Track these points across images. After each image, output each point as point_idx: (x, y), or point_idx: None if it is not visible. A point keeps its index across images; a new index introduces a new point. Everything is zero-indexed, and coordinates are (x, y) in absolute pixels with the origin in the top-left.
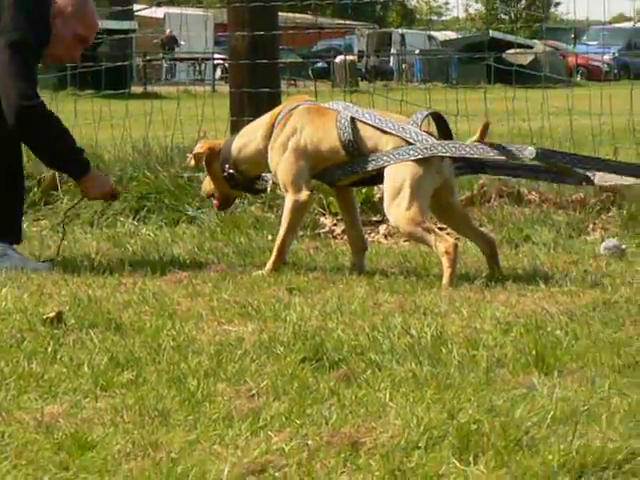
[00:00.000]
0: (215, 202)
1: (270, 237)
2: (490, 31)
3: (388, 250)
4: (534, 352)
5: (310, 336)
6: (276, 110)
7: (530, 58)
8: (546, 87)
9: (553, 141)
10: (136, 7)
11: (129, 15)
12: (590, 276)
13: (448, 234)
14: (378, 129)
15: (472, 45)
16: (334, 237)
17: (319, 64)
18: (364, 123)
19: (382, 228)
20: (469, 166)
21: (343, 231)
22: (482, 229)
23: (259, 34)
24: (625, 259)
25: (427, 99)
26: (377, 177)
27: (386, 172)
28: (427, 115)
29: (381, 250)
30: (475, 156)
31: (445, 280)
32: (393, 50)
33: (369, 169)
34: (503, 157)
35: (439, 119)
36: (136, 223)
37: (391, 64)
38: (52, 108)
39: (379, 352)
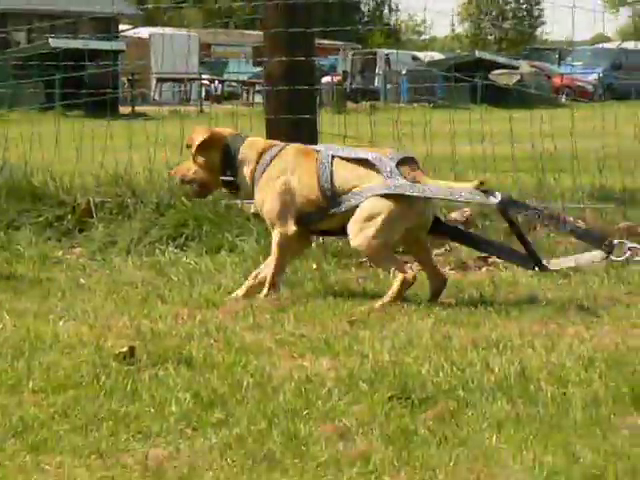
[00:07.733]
0: (195, 190)
1: (314, 265)
2: (476, 51)
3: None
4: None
5: (391, 373)
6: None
7: (516, 79)
8: (531, 108)
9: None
10: (121, 27)
11: (115, 36)
12: None
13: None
14: (355, 161)
15: (458, 65)
16: None
17: None
18: (341, 158)
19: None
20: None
21: None
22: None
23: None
24: None
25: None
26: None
27: (362, 204)
28: (402, 157)
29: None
30: (439, 196)
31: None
32: (379, 71)
33: (342, 210)
34: (476, 199)
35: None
36: (176, 251)
37: (377, 84)
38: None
39: (467, 390)
